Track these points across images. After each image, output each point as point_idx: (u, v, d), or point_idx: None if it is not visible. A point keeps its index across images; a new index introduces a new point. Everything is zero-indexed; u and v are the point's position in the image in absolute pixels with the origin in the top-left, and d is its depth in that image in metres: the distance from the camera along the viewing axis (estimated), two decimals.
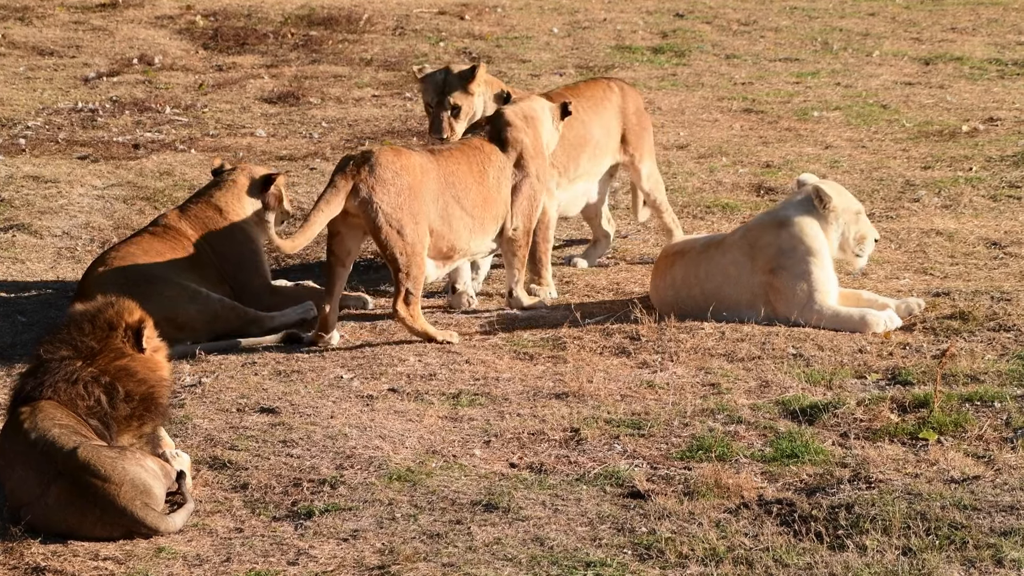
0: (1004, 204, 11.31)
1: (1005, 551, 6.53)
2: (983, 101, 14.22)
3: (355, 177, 8.86)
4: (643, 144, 10.40)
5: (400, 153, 9.04)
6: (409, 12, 17.83)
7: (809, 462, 7.42)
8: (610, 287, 10.00)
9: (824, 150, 12.76)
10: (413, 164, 9.01)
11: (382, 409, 8.14)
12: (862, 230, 9.10)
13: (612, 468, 7.41)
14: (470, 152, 9.35)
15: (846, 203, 9.07)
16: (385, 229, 8.87)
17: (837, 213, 9.03)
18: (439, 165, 9.16)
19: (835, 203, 9.00)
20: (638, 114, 10.40)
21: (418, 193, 8.97)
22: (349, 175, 8.87)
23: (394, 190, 8.87)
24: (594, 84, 10.49)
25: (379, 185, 8.85)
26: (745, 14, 18.07)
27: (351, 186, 8.85)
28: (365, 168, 8.87)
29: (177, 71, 15.53)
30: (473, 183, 9.27)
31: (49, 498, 6.78)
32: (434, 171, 9.11)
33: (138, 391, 7.19)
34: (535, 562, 6.58)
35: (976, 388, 8.07)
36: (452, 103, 9.89)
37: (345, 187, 8.85)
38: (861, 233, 9.10)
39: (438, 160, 9.19)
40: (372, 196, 8.83)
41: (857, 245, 9.09)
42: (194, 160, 12.62)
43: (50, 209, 11.34)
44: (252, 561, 6.65)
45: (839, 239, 9.05)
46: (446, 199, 9.14)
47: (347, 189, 8.85)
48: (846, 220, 9.05)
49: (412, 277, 8.93)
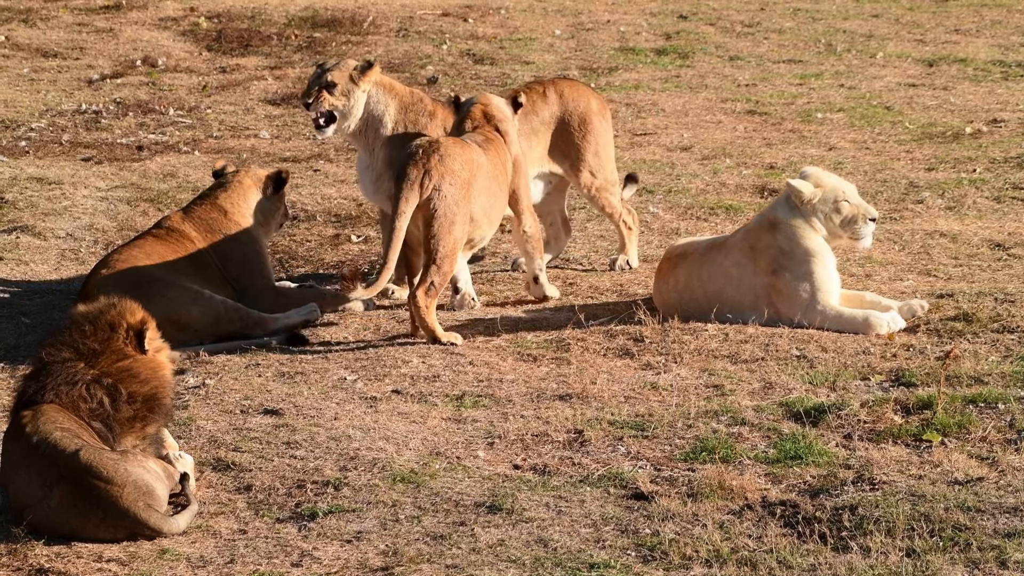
0: (1008, 206, 11.31)
1: (1009, 553, 6.52)
2: (987, 103, 14.21)
3: (426, 165, 9.00)
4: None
5: (464, 146, 9.20)
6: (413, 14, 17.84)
7: (813, 464, 7.41)
8: (614, 288, 9.99)
9: (828, 152, 12.75)
10: (472, 158, 9.18)
11: (386, 411, 8.14)
12: (847, 213, 9.00)
13: (616, 469, 7.41)
14: (494, 145, 9.45)
15: (823, 192, 8.98)
16: (440, 220, 8.99)
17: (814, 205, 8.98)
18: (487, 159, 9.31)
19: (806, 196, 8.95)
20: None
21: (471, 189, 9.12)
22: (420, 164, 9.01)
23: (458, 183, 9.04)
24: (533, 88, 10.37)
25: (448, 175, 9.01)
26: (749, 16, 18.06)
27: (423, 174, 8.99)
28: (435, 157, 9.02)
29: (181, 73, 15.54)
30: (498, 176, 9.40)
31: (52, 501, 6.78)
32: (483, 165, 9.25)
33: (141, 392, 7.19)
34: (539, 563, 6.57)
35: (980, 390, 8.06)
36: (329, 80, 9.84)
37: (418, 177, 8.99)
38: (847, 216, 9.00)
39: (485, 153, 9.33)
40: (441, 185, 8.98)
41: (848, 229, 9.01)
42: (198, 162, 12.63)
43: (54, 211, 11.34)
44: (256, 563, 6.65)
45: (824, 232, 9.01)
46: (487, 192, 9.29)
47: (419, 178, 8.99)
48: (826, 210, 8.98)
49: (443, 273, 9.03)
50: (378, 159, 9.88)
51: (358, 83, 9.82)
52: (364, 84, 9.82)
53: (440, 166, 8.99)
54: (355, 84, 9.82)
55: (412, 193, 8.97)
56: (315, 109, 9.78)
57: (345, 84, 9.81)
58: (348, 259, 10.67)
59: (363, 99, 9.84)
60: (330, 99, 9.79)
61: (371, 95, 9.87)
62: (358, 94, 9.83)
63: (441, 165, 8.99)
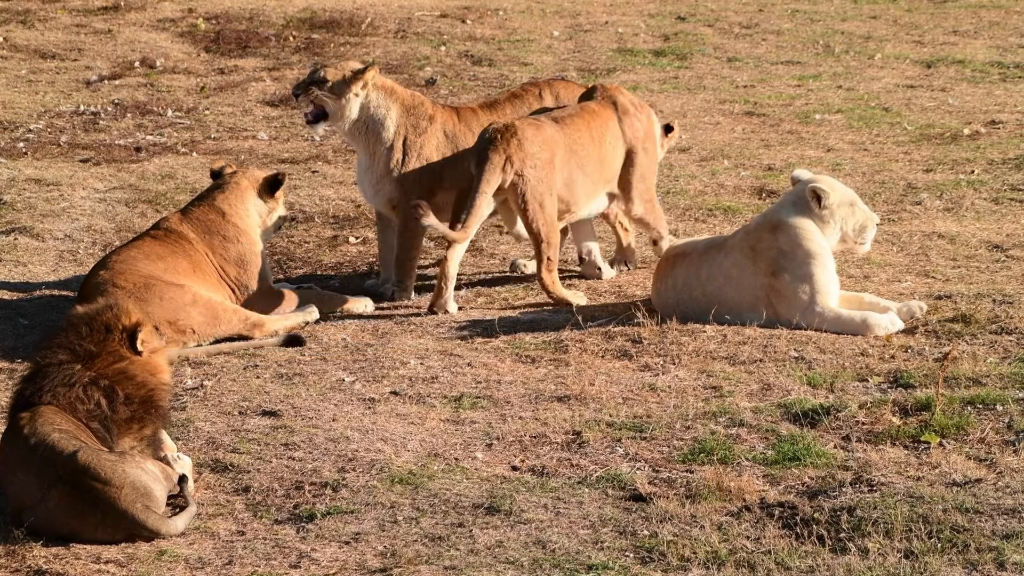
0: (1006, 207, 11.31)
1: (1007, 554, 6.53)
2: (985, 104, 14.21)
3: (506, 151, 9.33)
4: None
5: (538, 127, 9.53)
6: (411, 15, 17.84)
7: (811, 465, 7.41)
8: (612, 290, 9.99)
9: (826, 153, 12.75)
10: (548, 137, 9.51)
11: (384, 412, 8.14)
12: (860, 220, 9.07)
13: (614, 471, 7.41)
14: (589, 117, 9.79)
15: (840, 197, 9.04)
16: (532, 203, 9.43)
17: (832, 210, 9.01)
18: (565, 134, 9.61)
19: (831, 200, 8.98)
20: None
21: (553, 165, 9.47)
22: (501, 150, 9.34)
23: (540, 163, 9.41)
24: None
25: (528, 159, 9.38)
26: (747, 17, 18.06)
27: (504, 159, 9.32)
28: (514, 142, 9.35)
29: (179, 74, 15.53)
30: (593, 148, 9.74)
31: (50, 502, 6.78)
32: (561, 141, 9.57)
33: (137, 394, 7.19)
34: (537, 565, 6.57)
35: (978, 391, 8.07)
36: (321, 76, 9.86)
37: (499, 162, 9.33)
38: (860, 223, 9.07)
39: (563, 129, 9.64)
40: (523, 170, 9.36)
41: (858, 235, 9.08)
42: (196, 163, 12.63)
43: (52, 212, 11.34)
44: (254, 564, 6.65)
45: (839, 235, 9.04)
46: (571, 167, 9.63)
47: (501, 163, 9.33)
48: (842, 215, 9.03)
49: (552, 245, 9.49)
50: (379, 162, 9.88)
51: (351, 84, 9.82)
52: (357, 86, 9.82)
53: (520, 151, 9.36)
54: (347, 85, 9.83)
55: (494, 176, 9.34)
56: (304, 101, 9.83)
57: (337, 83, 9.82)
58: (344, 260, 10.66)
59: (357, 101, 9.84)
60: (320, 94, 9.80)
61: (370, 98, 9.87)
62: (350, 95, 9.82)
63: (521, 150, 9.36)
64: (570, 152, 9.62)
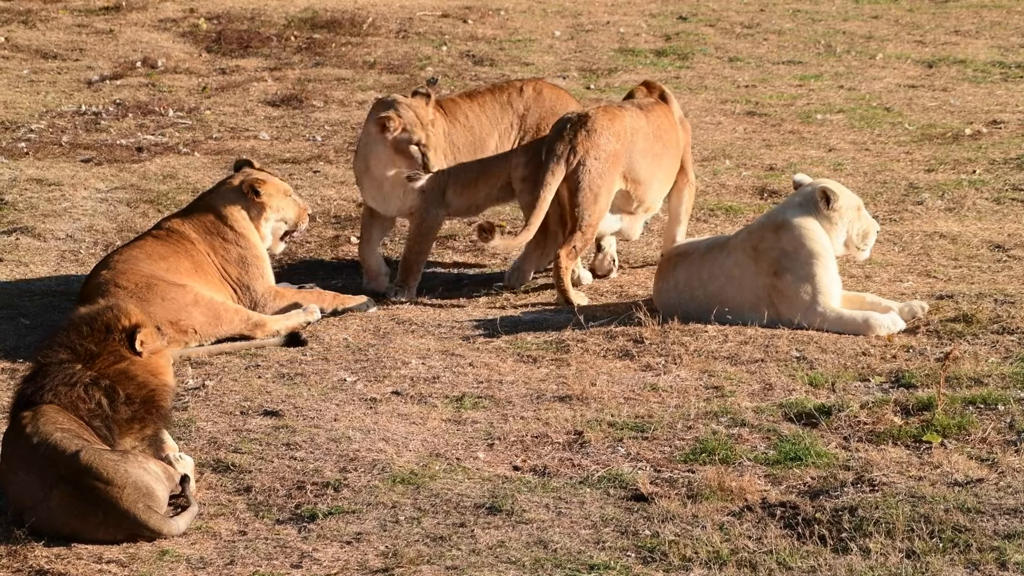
0: (1008, 207, 11.31)
1: (1009, 554, 6.53)
2: (986, 104, 14.21)
3: (572, 141, 9.40)
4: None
5: (614, 117, 9.57)
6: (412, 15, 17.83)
7: (812, 465, 7.42)
8: (613, 290, 10.00)
9: (827, 153, 12.75)
10: (624, 128, 9.57)
11: (385, 412, 8.14)
12: (864, 225, 9.12)
13: (615, 471, 7.41)
14: (658, 108, 9.88)
15: (847, 201, 9.07)
16: (584, 193, 9.45)
17: (841, 212, 9.03)
18: (648, 121, 9.71)
19: (840, 203, 9.00)
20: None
21: (620, 159, 9.51)
22: (567, 139, 9.40)
23: (604, 156, 9.45)
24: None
25: (593, 150, 9.42)
26: (748, 17, 18.06)
27: (568, 150, 9.39)
28: (583, 132, 9.41)
29: (180, 74, 15.53)
30: (660, 137, 9.81)
31: (52, 502, 6.78)
32: (643, 128, 9.65)
33: (138, 394, 7.19)
34: (539, 565, 6.58)
35: (980, 391, 8.07)
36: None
37: (564, 152, 9.40)
38: (864, 229, 9.11)
39: (647, 116, 9.74)
40: (585, 160, 9.40)
41: (861, 240, 9.11)
42: (197, 163, 12.63)
43: (53, 212, 11.34)
44: (255, 564, 6.65)
45: (844, 238, 9.06)
46: (651, 155, 9.72)
47: (566, 154, 9.40)
48: (850, 218, 9.06)
49: (585, 239, 9.53)
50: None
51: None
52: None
53: (586, 141, 9.41)
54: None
55: (559, 168, 9.40)
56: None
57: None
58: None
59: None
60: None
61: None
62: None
63: (587, 140, 9.41)
64: (651, 140, 9.71)
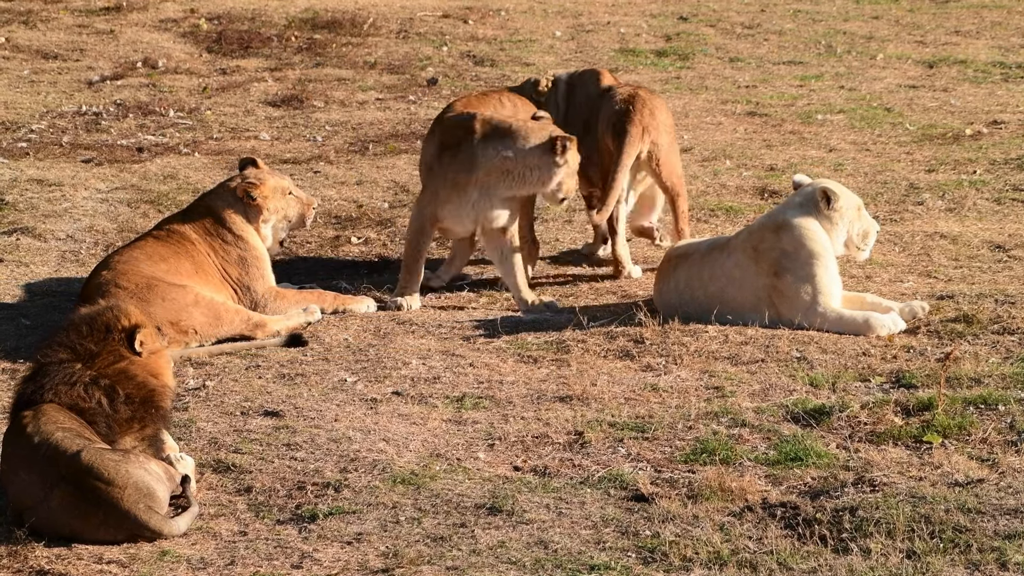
0: (1008, 207, 11.31)
1: (1009, 554, 6.53)
2: (987, 104, 14.21)
3: (642, 122, 9.78)
4: None
5: (660, 97, 10.18)
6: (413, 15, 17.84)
7: (813, 465, 7.41)
8: (614, 290, 10.00)
9: (828, 153, 12.75)
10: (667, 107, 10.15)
11: (386, 412, 8.14)
12: (864, 226, 9.12)
13: (616, 471, 7.41)
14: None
15: (847, 201, 9.07)
16: (666, 167, 9.99)
17: (842, 213, 9.03)
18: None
19: (840, 203, 9.00)
20: None
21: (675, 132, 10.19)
22: (637, 121, 9.78)
23: (668, 130, 9.99)
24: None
25: (662, 127, 9.90)
26: (749, 17, 18.06)
27: (642, 130, 9.78)
28: (646, 111, 9.82)
29: (181, 74, 15.54)
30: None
31: (52, 502, 6.78)
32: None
33: (138, 394, 7.20)
34: (539, 565, 6.58)
35: (980, 391, 8.07)
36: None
37: (638, 134, 9.78)
38: (864, 229, 9.11)
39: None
40: (658, 139, 9.86)
41: (862, 241, 9.11)
42: (198, 163, 12.63)
43: (54, 212, 11.35)
44: (256, 564, 6.65)
45: (844, 238, 9.06)
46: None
47: (640, 135, 9.78)
48: (850, 218, 9.06)
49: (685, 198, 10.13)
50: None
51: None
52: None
53: (654, 120, 9.82)
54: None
55: (633, 147, 9.81)
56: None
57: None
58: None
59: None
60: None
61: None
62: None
63: (654, 119, 9.82)
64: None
